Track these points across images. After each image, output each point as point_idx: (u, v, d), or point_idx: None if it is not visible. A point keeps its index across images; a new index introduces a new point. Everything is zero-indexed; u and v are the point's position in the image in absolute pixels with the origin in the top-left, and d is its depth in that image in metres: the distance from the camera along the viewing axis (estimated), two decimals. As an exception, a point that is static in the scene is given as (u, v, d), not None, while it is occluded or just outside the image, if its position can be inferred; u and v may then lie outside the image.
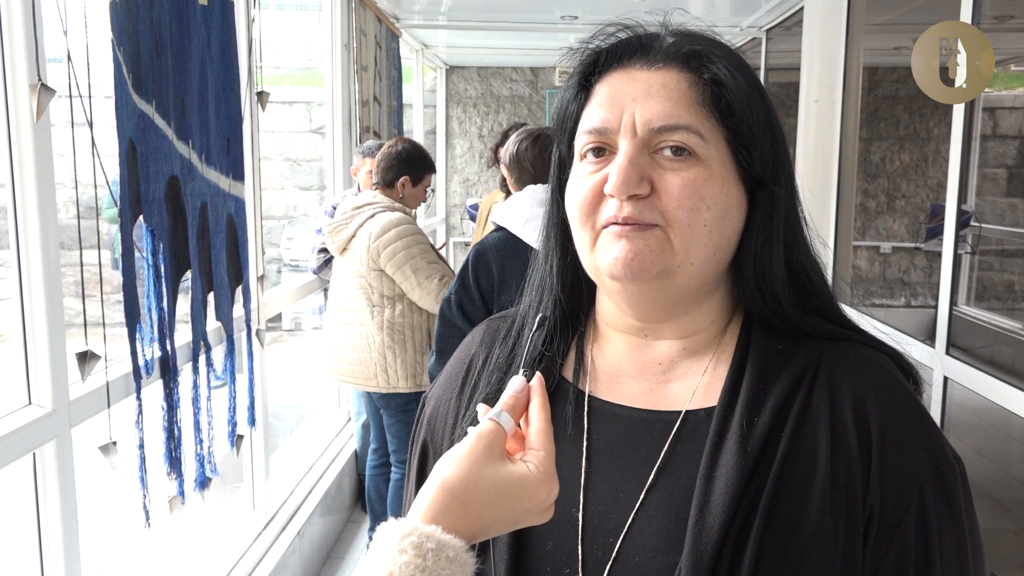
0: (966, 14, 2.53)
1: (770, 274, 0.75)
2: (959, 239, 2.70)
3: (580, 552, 0.72)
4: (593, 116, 0.74)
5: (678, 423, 0.74)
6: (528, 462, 0.65)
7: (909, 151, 7.03)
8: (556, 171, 0.81)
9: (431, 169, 3.16)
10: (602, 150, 0.74)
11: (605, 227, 0.72)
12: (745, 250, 0.75)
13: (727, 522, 0.66)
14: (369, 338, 2.97)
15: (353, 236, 2.97)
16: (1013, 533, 3.56)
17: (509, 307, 0.89)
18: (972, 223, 5.56)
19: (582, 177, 0.74)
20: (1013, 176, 6.83)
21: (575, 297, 0.83)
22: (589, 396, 0.79)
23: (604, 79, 0.76)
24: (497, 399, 0.69)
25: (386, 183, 3.05)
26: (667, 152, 0.71)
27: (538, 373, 0.71)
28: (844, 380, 0.72)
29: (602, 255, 0.72)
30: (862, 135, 6.54)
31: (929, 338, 2.80)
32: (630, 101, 0.72)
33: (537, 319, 0.79)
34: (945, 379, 2.63)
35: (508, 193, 3.81)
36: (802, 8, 3.97)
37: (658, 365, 0.78)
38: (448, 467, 0.63)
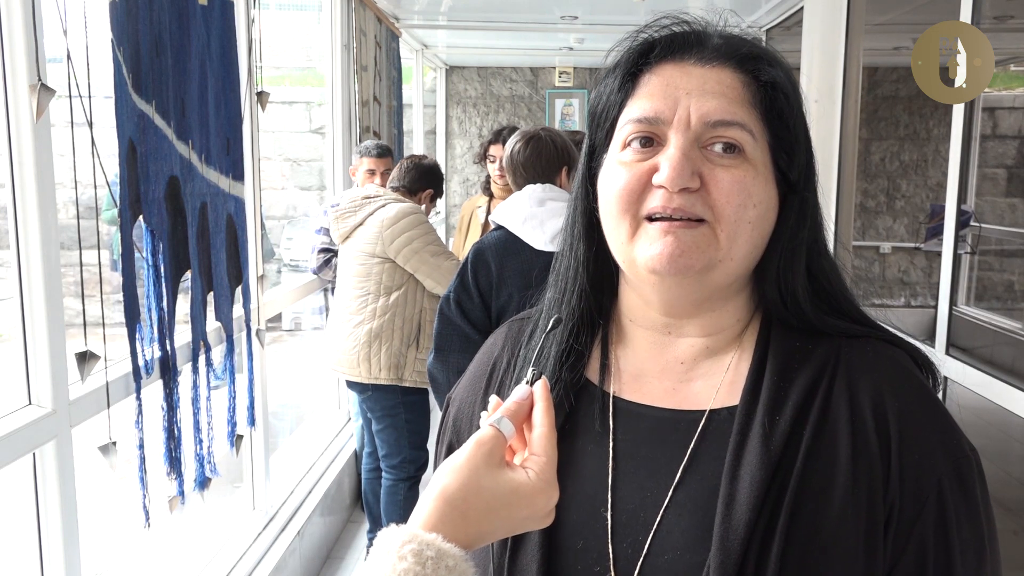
0: (966, 14, 2.53)
1: (791, 278, 0.76)
2: (959, 239, 2.70)
3: (611, 550, 0.73)
4: (643, 106, 0.73)
5: (702, 422, 0.75)
6: (528, 469, 0.66)
7: (909, 151, 7.03)
8: (586, 159, 0.80)
9: (442, 192, 3.34)
10: (650, 140, 0.73)
11: (649, 218, 0.71)
12: (771, 253, 0.75)
13: (753, 519, 0.67)
14: (360, 326, 2.99)
15: (360, 224, 3.00)
16: (1013, 533, 3.56)
17: (508, 305, 0.89)
18: (972, 223, 5.56)
19: (624, 164, 0.73)
20: (1013, 176, 6.83)
21: (598, 289, 0.82)
22: (613, 396, 0.80)
23: (654, 70, 0.75)
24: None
25: (411, 191, 3.14)
26: (717, 148, 0.71)
27: (543, 378, 0.71)
28: (862, 377, 0.73)
29: (643, 248, 0.72)
30: (862, 135, 6.53)
31: (929, 338, 2.80)
32: (684, 95, 0.72)
33: (552, 320, 0.78)
34: (945, 379, 2.62)
35: (491, 196, 3.83)
36: (802, 8, 3.96)
37: (680, 364, 0.78)
38: (447, 476, 0.64)
